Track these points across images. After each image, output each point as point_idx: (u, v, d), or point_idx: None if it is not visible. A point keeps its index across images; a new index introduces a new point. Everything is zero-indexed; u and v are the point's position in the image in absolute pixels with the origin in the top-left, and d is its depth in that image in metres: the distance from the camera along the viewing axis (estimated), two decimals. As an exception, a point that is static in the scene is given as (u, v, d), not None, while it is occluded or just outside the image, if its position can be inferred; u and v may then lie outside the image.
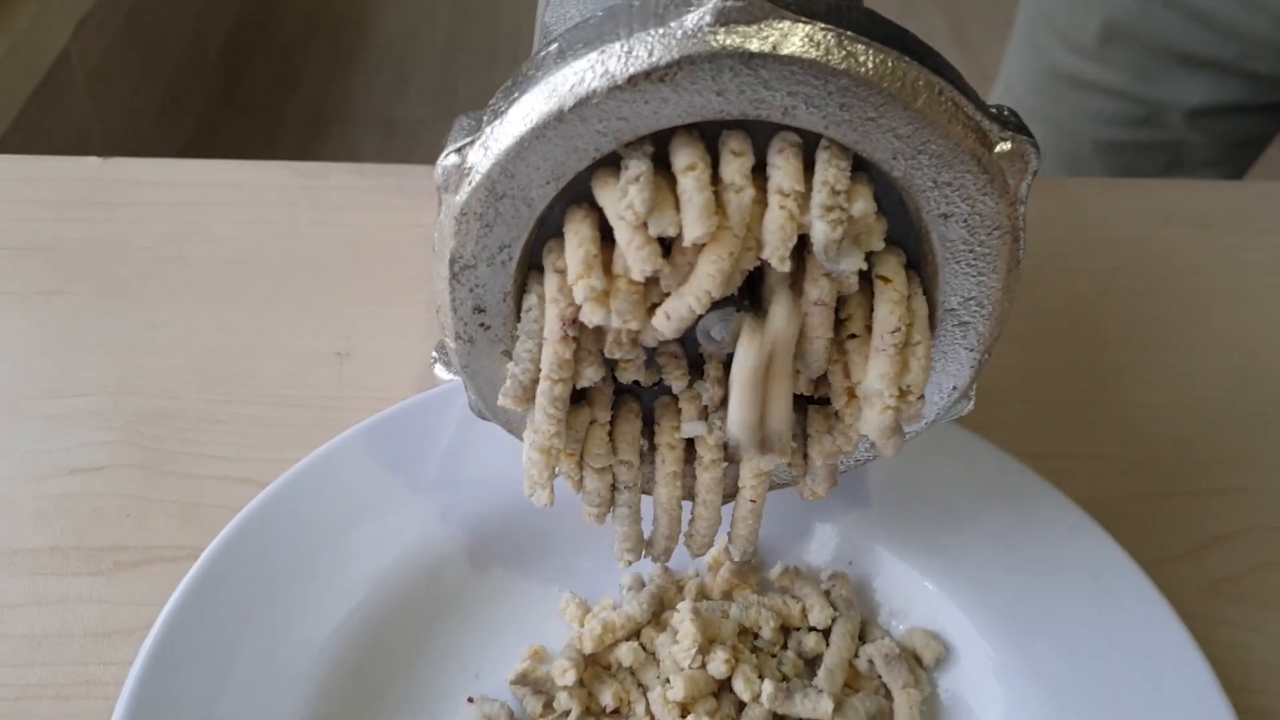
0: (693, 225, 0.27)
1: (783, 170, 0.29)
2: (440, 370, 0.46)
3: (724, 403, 0.33)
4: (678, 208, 0.28)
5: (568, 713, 0.36)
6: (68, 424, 0.46)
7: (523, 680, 0.37)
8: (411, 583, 0.39)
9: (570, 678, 0.36)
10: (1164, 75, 0.75)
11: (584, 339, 0.31)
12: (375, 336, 0.51)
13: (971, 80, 0.31)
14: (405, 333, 0.51)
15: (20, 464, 0.45)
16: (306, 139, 1.80)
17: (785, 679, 0.38)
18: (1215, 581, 0.43)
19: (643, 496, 0.36)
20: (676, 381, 0.34)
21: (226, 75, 1.90)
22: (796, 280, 0.31)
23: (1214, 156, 0.78)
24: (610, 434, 0.34)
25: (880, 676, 0.38)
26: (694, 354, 0.35)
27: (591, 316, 0.29)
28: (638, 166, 0.28)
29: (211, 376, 0.49)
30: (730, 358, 0.32)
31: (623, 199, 0.28)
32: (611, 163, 0.29)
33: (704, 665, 0.36)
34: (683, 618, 0.37)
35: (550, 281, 0.31)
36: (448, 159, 0.30)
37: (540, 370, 0.31)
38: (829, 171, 0.28)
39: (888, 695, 0.38)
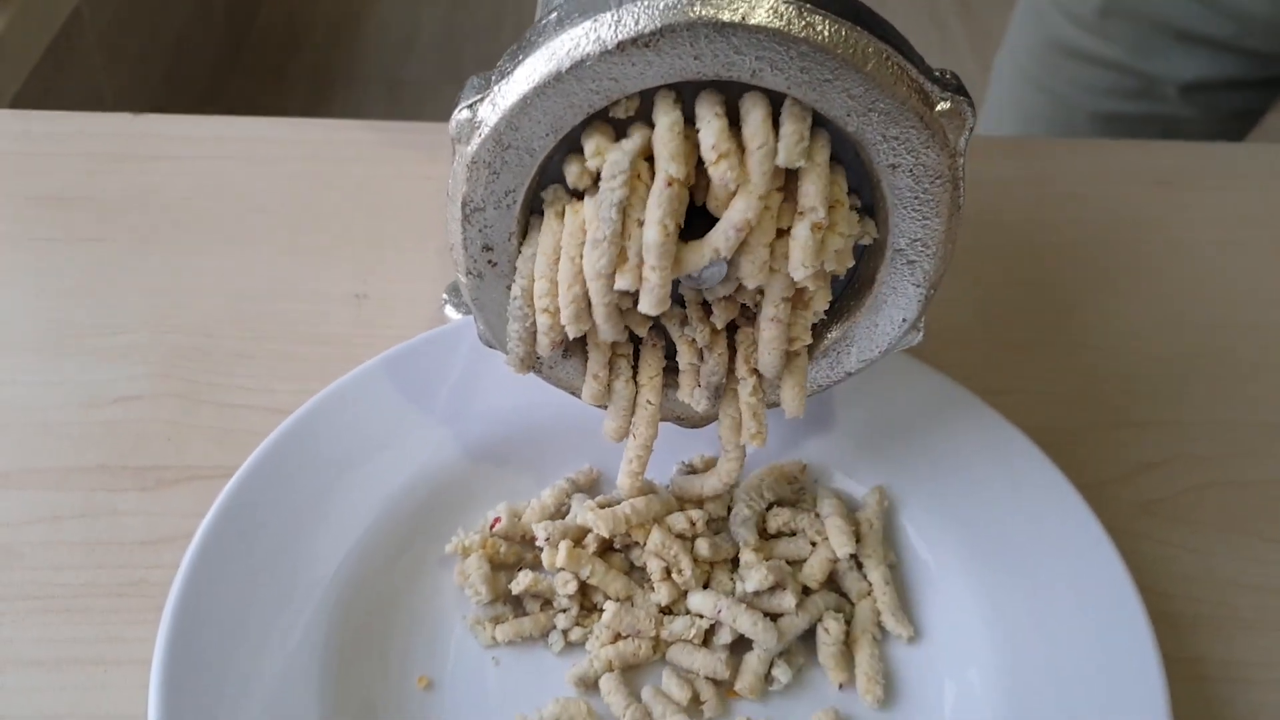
0: (666, 164, 0.32)
1: (757, 104, 0.33)
2: (450, 310, 0.51)
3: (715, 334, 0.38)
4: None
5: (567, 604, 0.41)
6: (110, 358, 0.51)
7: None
8: (424, 498, 0.44)
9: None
10: (1161, 50, 0.78)
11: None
12: (390, 280, 0.55)
13: (974, 46, 0.35)
14: (418, 276, 0.55)
15: (68, 393, 0.49)
16: (313, 99, 1.84)
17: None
18: (1146, 503, 0.48)
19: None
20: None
21: (234, 36, 1.93)
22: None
23: (1208, 130, 0.81)
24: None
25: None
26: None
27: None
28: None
29: (241, 316, 0.53)
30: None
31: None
32: (602, 117, 0.34)
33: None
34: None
35: (550, 223, 0.35)
36: (460, 114, 0.34)
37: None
38: (792, 123, 0.33)
39: (844, 596, 0.43)
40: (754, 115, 0.33)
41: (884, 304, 0.38)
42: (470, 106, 0.34)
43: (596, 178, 0.34)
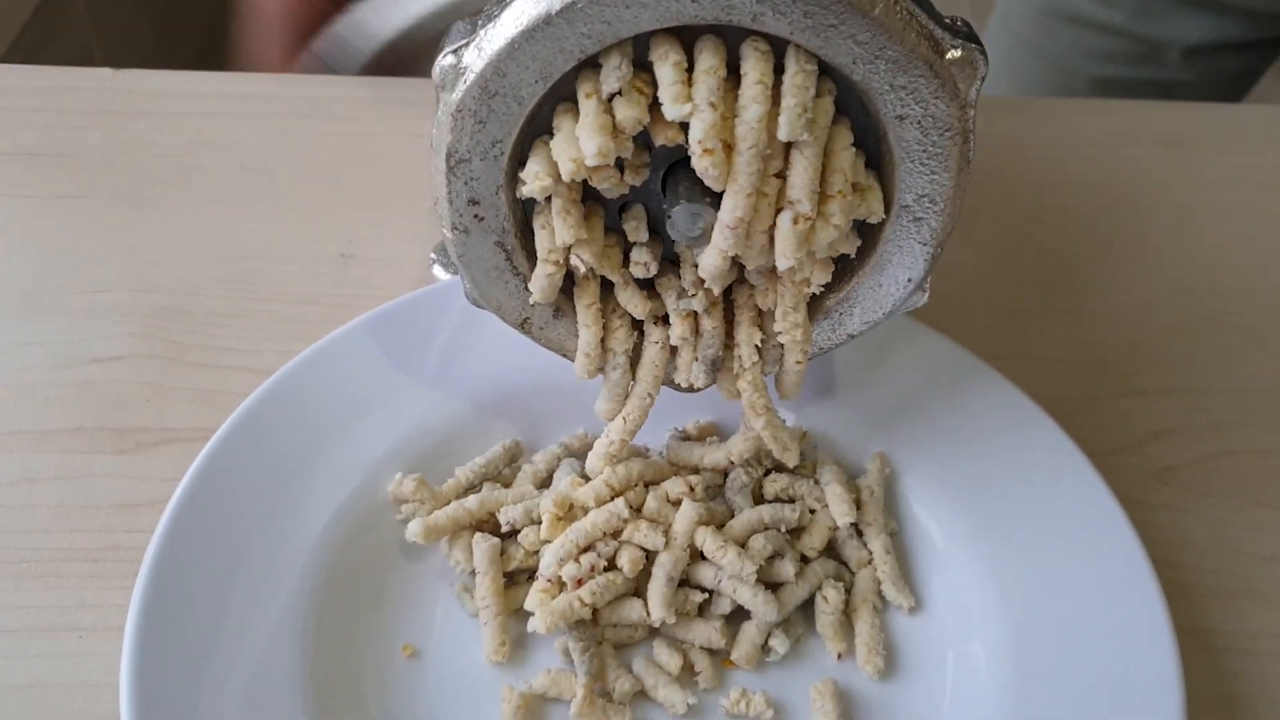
0: (670, 106, 0.31)
1: (755, 65, 0.31)
2: (438, 270, 0.50)
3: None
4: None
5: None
6: (89, 318, 0.49)
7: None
8: (409, 462, 0.42)
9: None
10: (1163, 13, 0.76)
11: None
12: (378, 240, 0.53)
13: (970, 8, 0.33)
14: (406, 237, 0.53)
15: (44, 354, 0.48)
16: (306, 63, 1.81)
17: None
18: (1157, 471, 0.47)
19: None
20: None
21: (226, -2, 1.90)
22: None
23: (1206, 93, 0.79)
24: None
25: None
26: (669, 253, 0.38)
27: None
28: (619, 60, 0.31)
29: (225, 275, 0.51)
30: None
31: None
32: (593, 65, 0.32)
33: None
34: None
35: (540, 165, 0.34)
36: (445, 59, 0.32)
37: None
38: (795, 95, 0.31)
39: (844, 564, 0.41)
40: (749, 79, 0.31)
41: (888, 263, 0.37)
42: (455, 52, 0.32)
43: None
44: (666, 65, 0.31)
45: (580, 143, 0.32)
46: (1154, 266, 0.55)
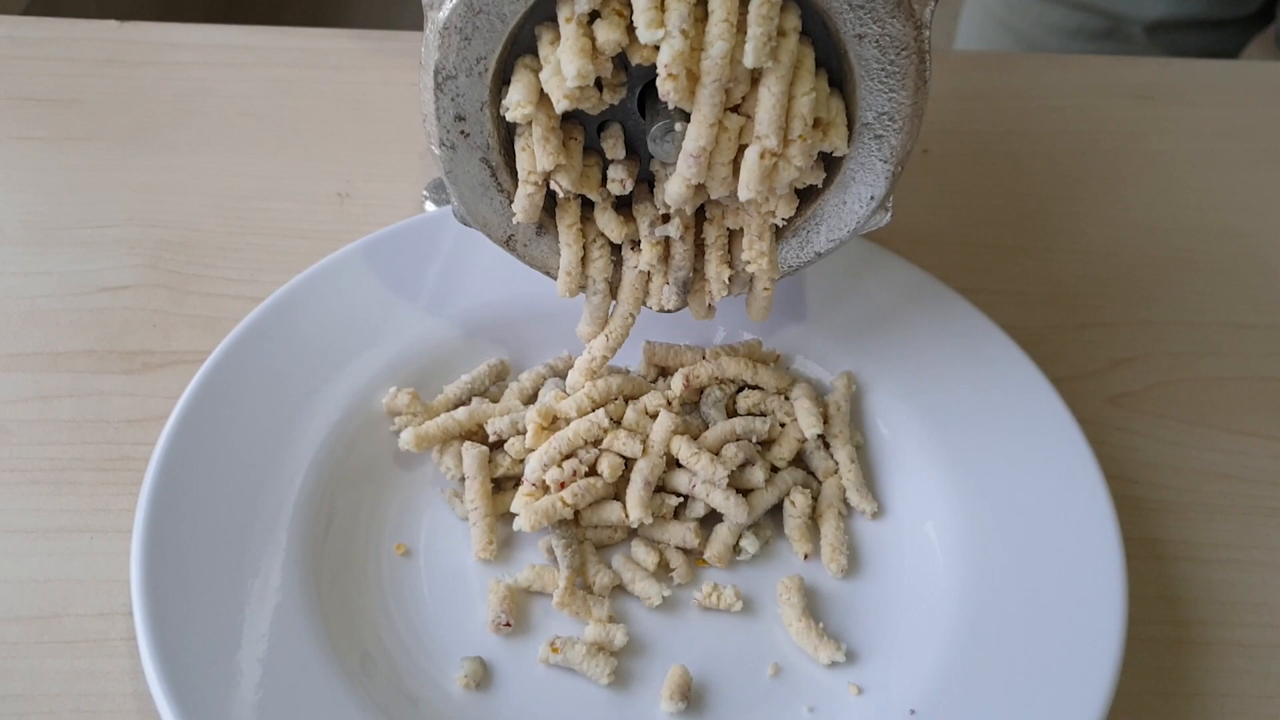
0: (643, 30, 0.33)
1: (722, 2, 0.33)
2: (430, 206, 0.52)
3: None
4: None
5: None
6: (97, 250, 0.52)
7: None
8: (402, 379, 0.45)
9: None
10: None
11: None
12: (372, 180, 0.56)
13: None
14: (399, 178, 0.56)
15: (55, 282, 0.50)
16: (309, 22, 1.83)
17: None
18: (1116, 396, 0.49)
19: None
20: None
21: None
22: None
23: None
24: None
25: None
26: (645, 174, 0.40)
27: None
28: None
29: (226, 212, 0.54)
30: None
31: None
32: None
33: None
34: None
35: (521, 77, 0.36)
36: (433, -21, 0.35)
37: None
38: (760, 25, 0.33)
39: (811, 474, 0.44)
40: (716, 16, 0.33)
41: (852, 181, 0.39)
42: (442, -29, 0.35)
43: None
44: None
45: (561, 65, 0.34)
46: (1120, 209, 0.58)
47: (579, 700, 0.38)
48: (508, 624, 0.39)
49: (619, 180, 0.38)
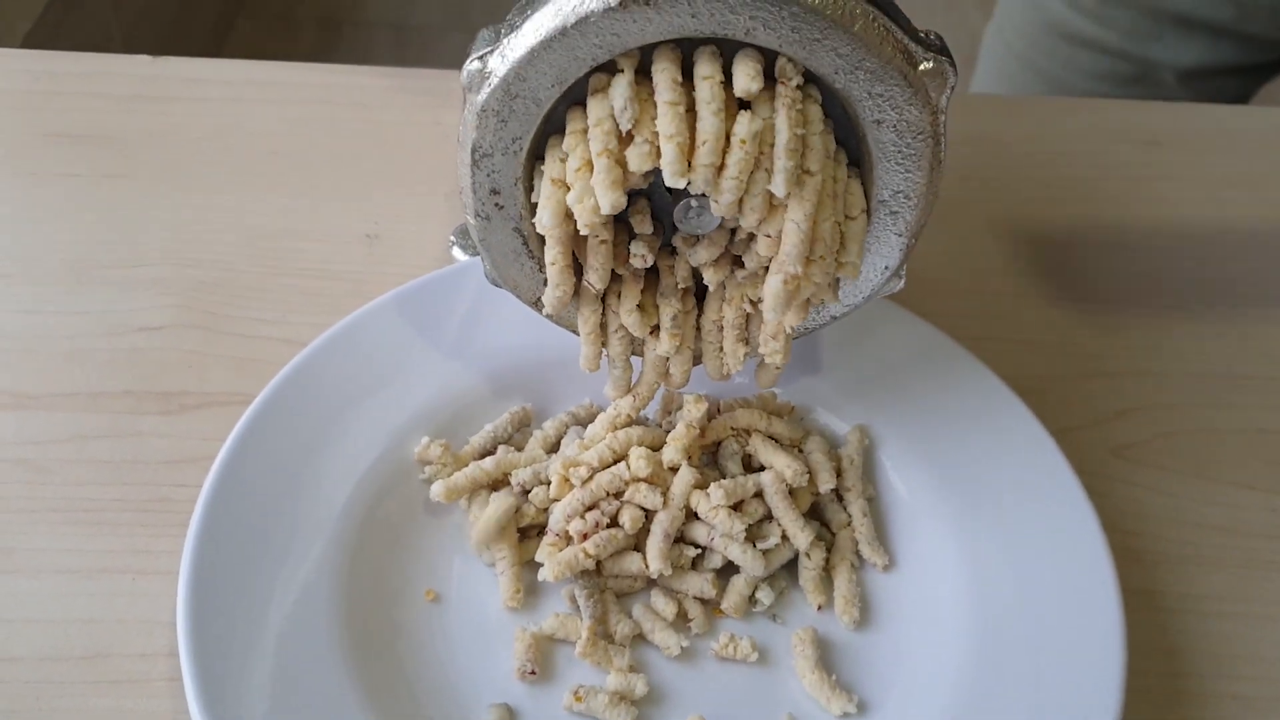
0: (669, 176, 0.35)
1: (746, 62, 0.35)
2: (458, 252, 0.54)
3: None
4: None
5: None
6: (133, 289, 0.53)
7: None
8: (432, 426, 0.46)
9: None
10: (1159, 35, 0.77)
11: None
12: (400, 221, 0.57)
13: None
14: (427, 218, 0.57)
15: (93, 322, 0.52)
16: (320, 45, 1.85)
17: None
18: (1117, 448, 0.51)
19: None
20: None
21: (241, -22, 1.93)
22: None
23: None
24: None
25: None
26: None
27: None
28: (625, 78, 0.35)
29: (257, 251, 0.55)
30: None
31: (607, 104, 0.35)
32: (606, 69, 0.36)
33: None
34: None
35: (553, 166, 0.38)
36: (472, 64, 0.36)
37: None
38: (789, 135, 0.35)
39: (825, 525, 0.45)
40: (734, 156, 0.35)
41: (868, 252, 0.40)
42: (481, 58, 0.36)
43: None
44: (667, 118, 0.35)
45: (598, 196, 0.36)
46: (1124, 257, 0.59)
47: (601, 747, 0.40)
48: (533, 672, 0.41)
49: (640, 255, 0.40)
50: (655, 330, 0.42)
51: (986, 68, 0.90)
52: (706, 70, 0.35)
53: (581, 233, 0.37)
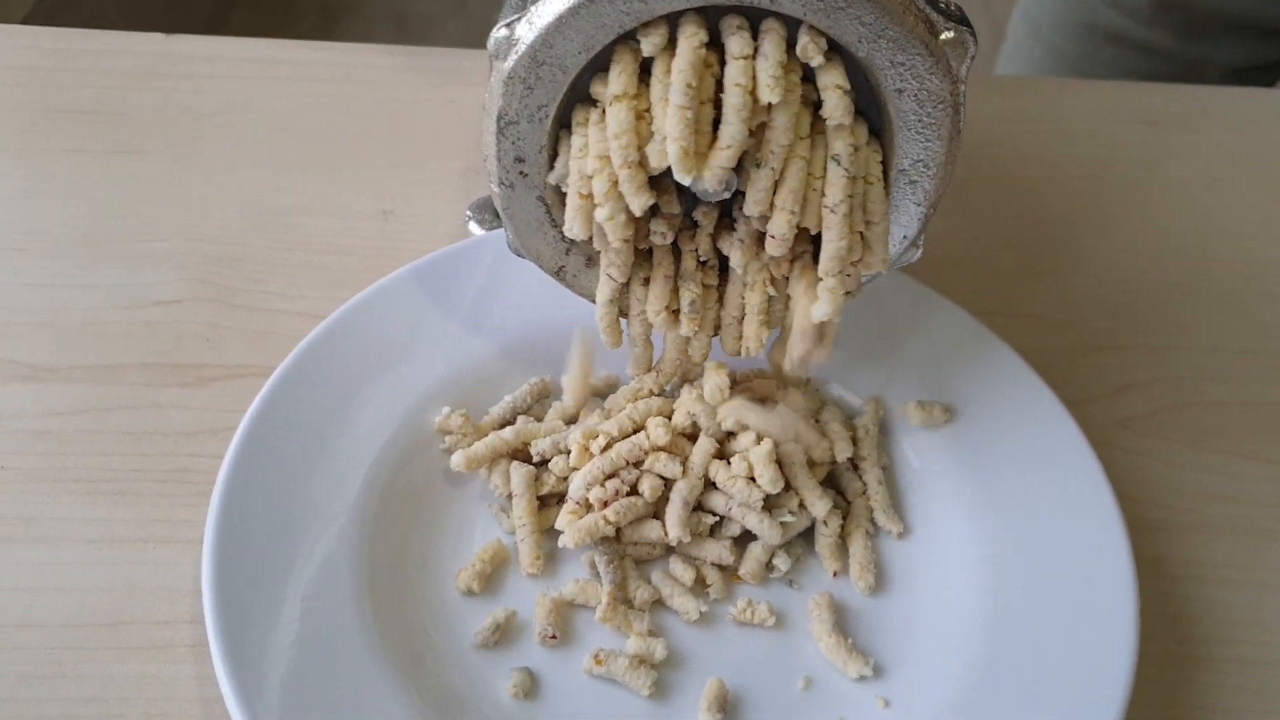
0: (683, 68, 0.35)
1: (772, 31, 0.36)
2: (474, 226, 0.54)
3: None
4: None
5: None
6: (147, 264, 0.54)
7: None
8: (451, 397, 0.47)
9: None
10: (1210, 36, 0.77)
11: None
12: (414, 197, 0.58)
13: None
14: (441, 195, 0.58)
15: (108, 295, 0.52)
16: (319, 30, 1.84)
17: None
18: (1125, 419, 0.51)
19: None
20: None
21: (239, -38, 1.93)
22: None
23: None
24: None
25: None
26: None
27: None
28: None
29: (272, 227, 0.56)
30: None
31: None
32: (631, 36, 0.36)
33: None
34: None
35: (575, 136, 0.38)
36: (499, 31, 0.37)
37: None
38: (809, 42, 0.36)
39: (841, 494, 0.46)
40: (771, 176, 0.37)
41: (887, 203, 0.41)
42: (508, 25, 0.36)
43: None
44: (674, 120, 0.35)
45: (627, 200, 0.37)
46: (1130, 235, 0.60)
47: (621, 710, 0.40)
48: (554, 636, 0.41)
49: (661, 233, 0.40)
50: (675, 313, 0.42)
51: (1020, 66, 0.88)
52: (737, 48, 0.36)
53: (613, 245, 0.38)
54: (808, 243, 0.41)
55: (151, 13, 1.55)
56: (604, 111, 0.37)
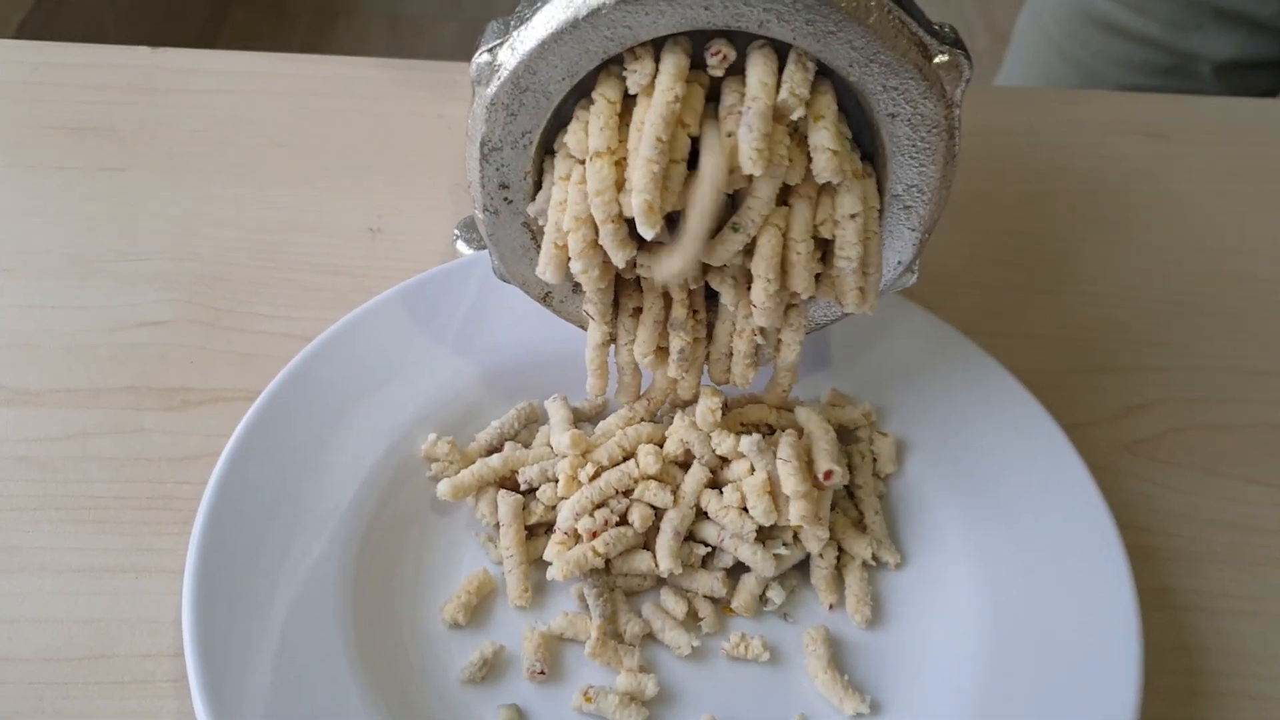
0: (664, 90, 0.34)
1: (760, 65, 0.35)
2: (462, 246, 0.53)
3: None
4: None
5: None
6: (134, 283, 0.53)
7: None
8: (437, 422, 0.46)
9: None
10: (1197, 26, 0.77)
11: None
12: (403, 215, 0.57)
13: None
14: (430, 212, 0.57)
15: (94, 316, 0.51)
16: (313, 33, 1.84)
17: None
18: (1129, 443, 0.50)
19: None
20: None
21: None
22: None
23: None
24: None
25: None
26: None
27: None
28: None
29: (258, 246, 0.55)
30: None
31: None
32: (616, 62, 0.35)
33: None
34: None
35: (561, 163, 0.37)
36: (481, 57, 0.36)
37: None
38: (796, 70, 0.35)
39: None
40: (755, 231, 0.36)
41: (881, 246, 0.40)
42: (490, 50, 0.36)
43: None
44: (640, 172, 0.34)
45: (610, 255, 0.37)
46: (1132, 251, 0.59)
47: (611, 748, 0.39)
48: (542, 672, 0.40)
49: (646, 265, 0.39)
50: (663, 349, 0.42)
51: (1018, 59, 0.89)
52: (729, 102, 0.35)
53: (589, 295, 0.38)
54: None
55: (148, 16, 1.55)
56: (584, 165, 0.36)
